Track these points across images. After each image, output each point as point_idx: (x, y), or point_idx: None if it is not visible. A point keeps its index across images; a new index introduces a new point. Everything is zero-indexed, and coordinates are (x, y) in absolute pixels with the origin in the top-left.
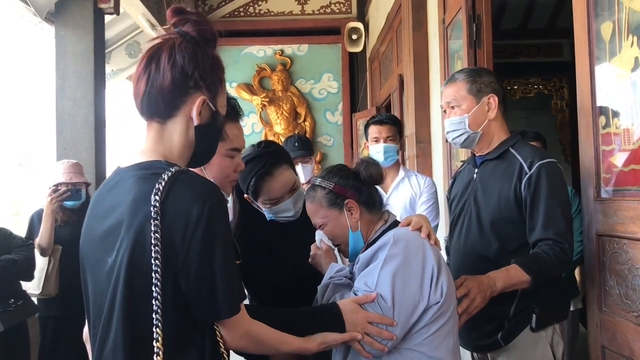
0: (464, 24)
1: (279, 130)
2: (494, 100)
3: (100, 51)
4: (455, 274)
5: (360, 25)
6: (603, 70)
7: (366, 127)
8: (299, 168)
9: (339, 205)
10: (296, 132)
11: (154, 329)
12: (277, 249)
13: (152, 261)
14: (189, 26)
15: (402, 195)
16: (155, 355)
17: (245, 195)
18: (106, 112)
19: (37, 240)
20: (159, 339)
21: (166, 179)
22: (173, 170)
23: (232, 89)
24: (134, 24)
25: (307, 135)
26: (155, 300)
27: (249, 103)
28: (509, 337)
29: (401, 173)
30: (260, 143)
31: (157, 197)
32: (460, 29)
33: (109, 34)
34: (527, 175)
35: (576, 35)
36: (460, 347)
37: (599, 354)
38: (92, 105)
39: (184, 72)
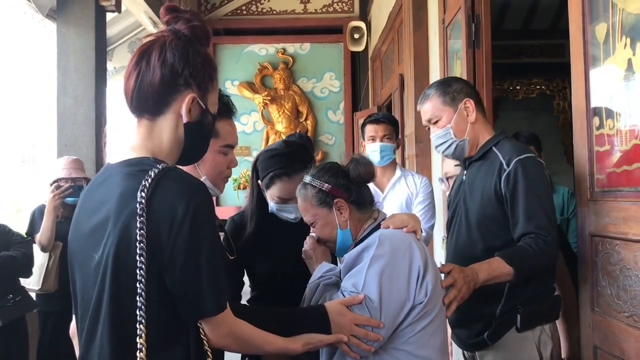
0: (463, 24)
1: (281, 128)
2: (470, 104)
3: (101, 48)
4: None
5: (362, 24)
6: (597, 72)
7: (363, 126)
8: None
9: (329, 205)
10: (297, 131)
11: (137, 325)
12: (279, 245)
13: (137, 257)
14: (182, 24)
15: (398, 194)
16: (138, 351)
17: (259, 181)
18: (108, 109)
19: (38, 236)
20: (142, 335)
21: (153, 175)
22: (160, 167)
23: (234, 87)
24: (137, 21)
25: (309, 134)
26: (139, 297)
27: (251, 101)
28: (495, 336)
29: (398, 172)
30: (291, 143)
31: (144, 194)
32: (459, 29)
33: (111, 31)
34: (506, 172)
35: (571, 36)
36: (455, 346)
37: (590, 354)
38: (93, 102)
39: (174, 69)
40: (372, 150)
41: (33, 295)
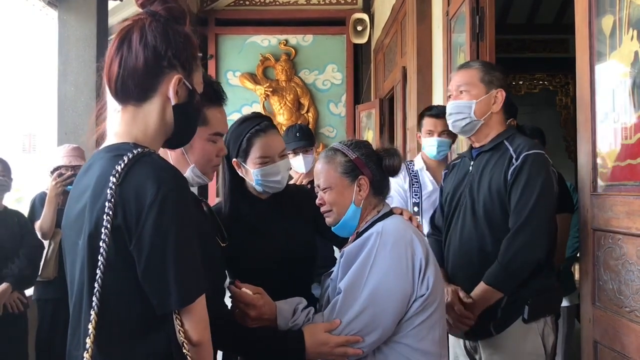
0: (467, 17)
1: (282, 120)
2: (501, 95)
3: (103, 36)
4: (452, 266)
5: (365, 16)
6: (603, 65)
7: (421, 117)
8: (299, 158)
9: (352, 177)
10: (299, 123)
11: (90, 312)
12: (265, 231)
13: (100, 244)
14: (157, 5)
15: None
16: (86, 336)
17: (234, 160)
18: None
19: (38, 224)
20: (93, 322)
21: (126, 161)
22: (136, 152)
23: (235, 78)
24: (138, 10)
25: (310, 126)
26: (96, 283)
27: (252, 92)
28: (500, 326)
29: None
30: (253, 113)
31: (114, 179)
32: (463, 22)
33: (113, 20)
34: (514, 165)
35: (577, 29)
36: (453, 336)
37: (591, 349)
38: (93, 90)
39: (157, 51)
40: (430, 144)
41: None
